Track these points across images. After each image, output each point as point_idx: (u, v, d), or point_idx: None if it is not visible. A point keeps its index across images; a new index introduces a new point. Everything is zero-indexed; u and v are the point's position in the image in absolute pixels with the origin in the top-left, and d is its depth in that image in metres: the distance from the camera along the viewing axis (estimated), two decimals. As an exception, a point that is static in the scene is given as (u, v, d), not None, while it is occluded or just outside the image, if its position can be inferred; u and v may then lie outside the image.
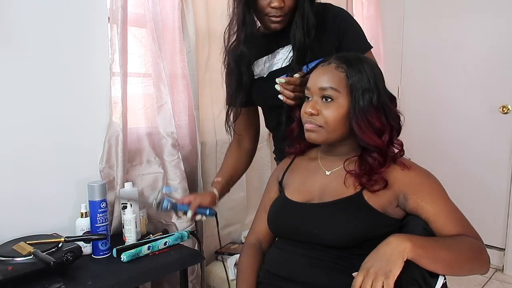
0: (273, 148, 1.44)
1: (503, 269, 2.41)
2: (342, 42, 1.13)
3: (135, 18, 1.48)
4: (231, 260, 1.65)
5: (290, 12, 1.10)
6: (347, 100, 0.90)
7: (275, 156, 1.43)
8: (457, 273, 0.82)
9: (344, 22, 1.16)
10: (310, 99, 0.95)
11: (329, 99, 0.91)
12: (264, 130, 1.95)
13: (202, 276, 1.65)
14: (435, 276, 0.81)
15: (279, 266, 0.94)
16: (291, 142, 1.08)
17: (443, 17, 2.62)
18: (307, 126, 0.94)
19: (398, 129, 0.94)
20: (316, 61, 1.05)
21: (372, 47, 1.18)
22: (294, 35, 1.10)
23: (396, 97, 0.99)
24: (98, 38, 1.38)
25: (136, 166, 1.54)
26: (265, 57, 1.20)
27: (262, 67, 1.21)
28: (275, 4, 1.05)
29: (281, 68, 1.17)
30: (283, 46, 1.17)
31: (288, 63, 1.16)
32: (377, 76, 0.92)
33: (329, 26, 1.14)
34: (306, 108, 0.93)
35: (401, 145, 0.95)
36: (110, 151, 1.39)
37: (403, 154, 0.95)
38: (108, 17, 1.38)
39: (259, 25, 1.19)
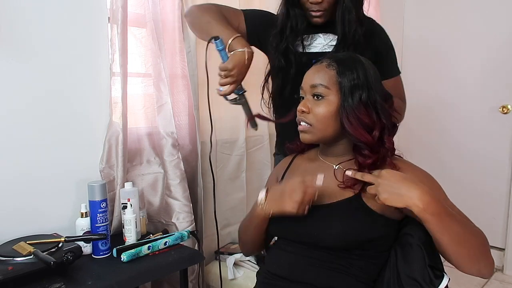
0: (274, 145, 1.45)
1: (503, 269, 2.41)
2: (377, 59, 1.18)
3: (135, 18, 1.48)
4: (231, 260, 1.65)
5: (330, 6, 1.15)
6: (338, 97, 0.91)
7: (276, 151, 1.43)
8: (463, 256, 0.79)
9: (387, 43, 1.29)
10: (303, 98, 0.96)
11: (320, 97, 0.92)
12: (264, 131, 1.96)
13: (202, 276, 1.65)
14: (440, 277, 0.81)
15: (280, 266, 0.94)
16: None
17: (443, 17, 2.62)
18: (299, 127, 0.96)
19: (390, 127, 0.93)
20: None
21: (400, 72, 1.33)
22: (336, 27, 1.17)
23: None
24: (98, 38, 1.38)
25: (136, 166, 1.54)
26: (304, 36, 1.23)
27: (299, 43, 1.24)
28: None
29: (317, 53, 1.21)
30: (324, 32, 1.22)
31: (325, 49, 1.21)
32: (369, 74, 0.92)
33: (371, 40, 1.20)
34: (299, 106, 0.95)
35: (392, 144, 0.94)
36: (110, 151, 1.39)
37: (394, 152, 0.94)
38: (108, 17, 1.38)
39: None
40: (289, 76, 1.22)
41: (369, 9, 2.45)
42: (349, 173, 0.88)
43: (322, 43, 1.22)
